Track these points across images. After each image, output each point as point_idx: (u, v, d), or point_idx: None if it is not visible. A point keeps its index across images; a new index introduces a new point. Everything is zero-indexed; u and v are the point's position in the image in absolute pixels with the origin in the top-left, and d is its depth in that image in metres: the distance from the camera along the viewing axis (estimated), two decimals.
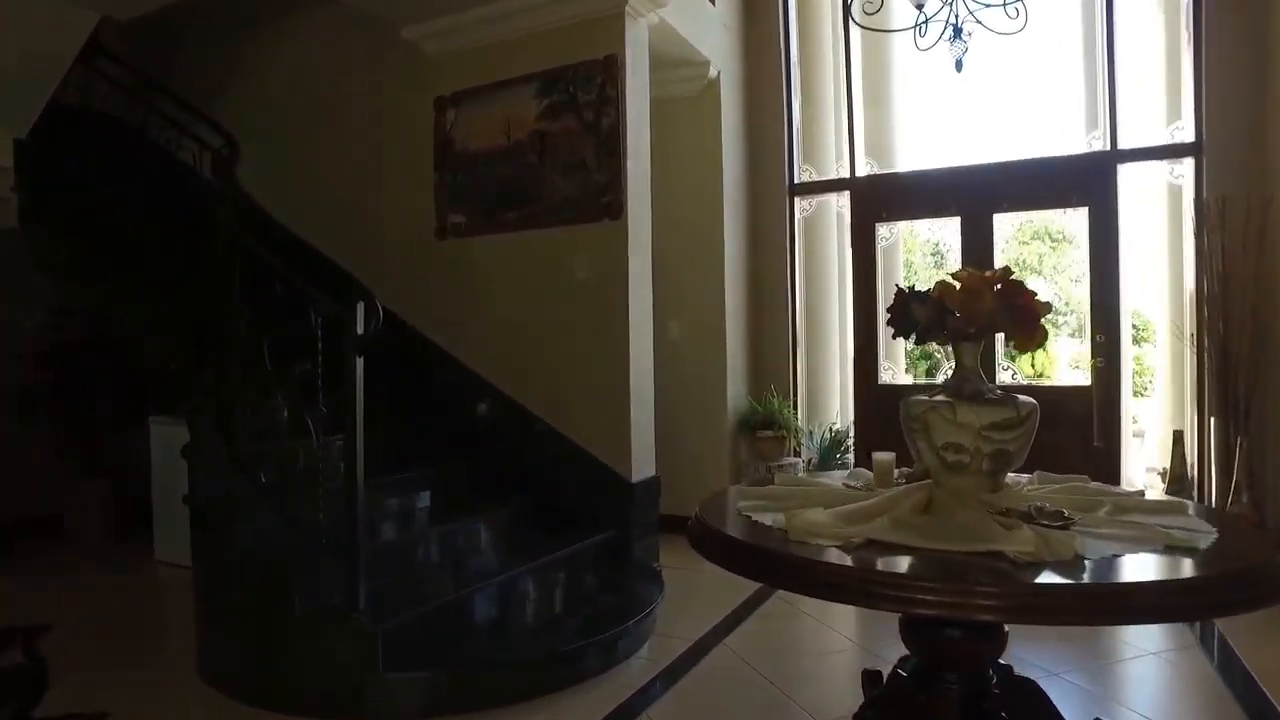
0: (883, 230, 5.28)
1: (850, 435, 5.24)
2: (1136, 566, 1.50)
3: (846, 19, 5.25)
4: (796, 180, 5.38)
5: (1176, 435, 4.37)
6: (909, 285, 1.99)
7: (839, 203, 5.39)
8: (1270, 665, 2.86)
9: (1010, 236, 8.37)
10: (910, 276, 7.63)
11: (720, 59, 4.95)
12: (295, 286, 2.72)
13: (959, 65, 3.65)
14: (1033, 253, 9.88)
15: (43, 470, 4.92)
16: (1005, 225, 5.19)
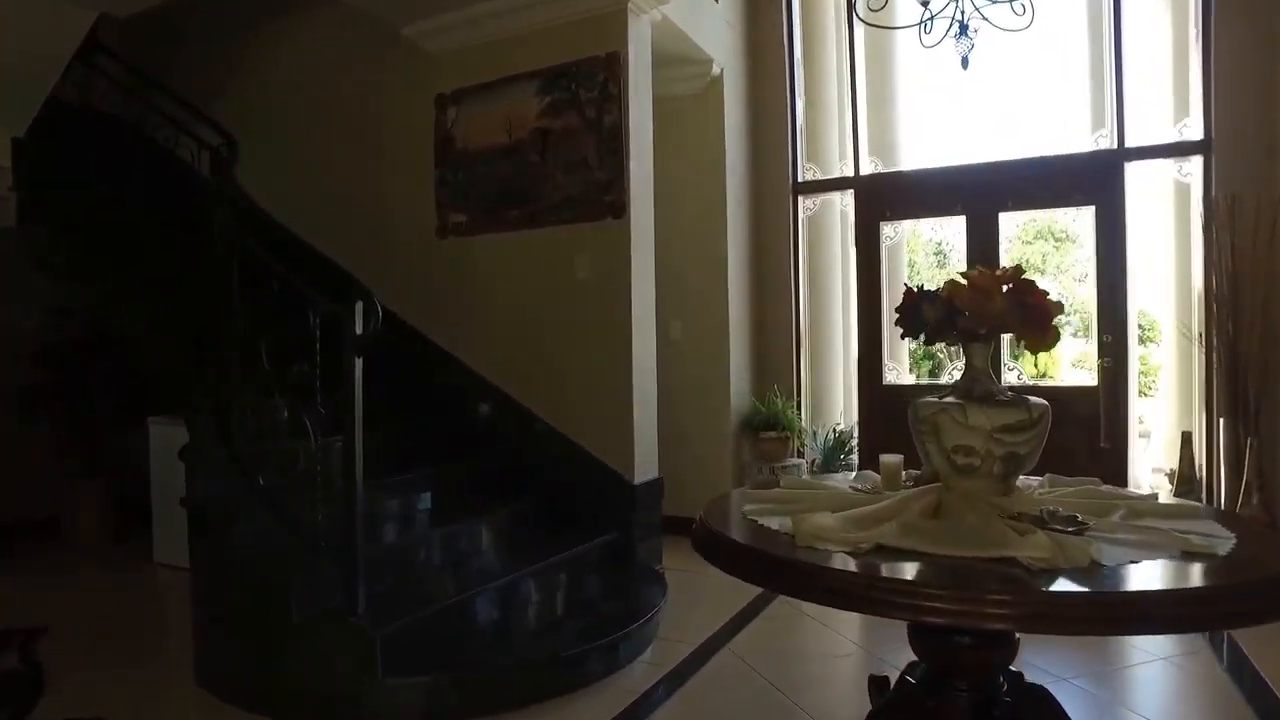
0: (887, 229, 5.23)
1: (854, 436, 5.20)
2: (1155, 574, 1.45)
3: (850, 16, 5.21)
4: (800, 179, 5.34)
5: (1185, 436, 4.32)
6: (918, 285, 1.95)
7: (843, 202, 5.35)
8: None
9: (1014, 236, 8.33)
10: (913, 276, 7.59)
11: (723, 56, 4.91)
12: (294, 286, 2.69)
13: (965, 62, 3.61)
14: (1036, 252, 9.85)
15: (42, 471, 4.88)
16: (1009, 225, 5.14)
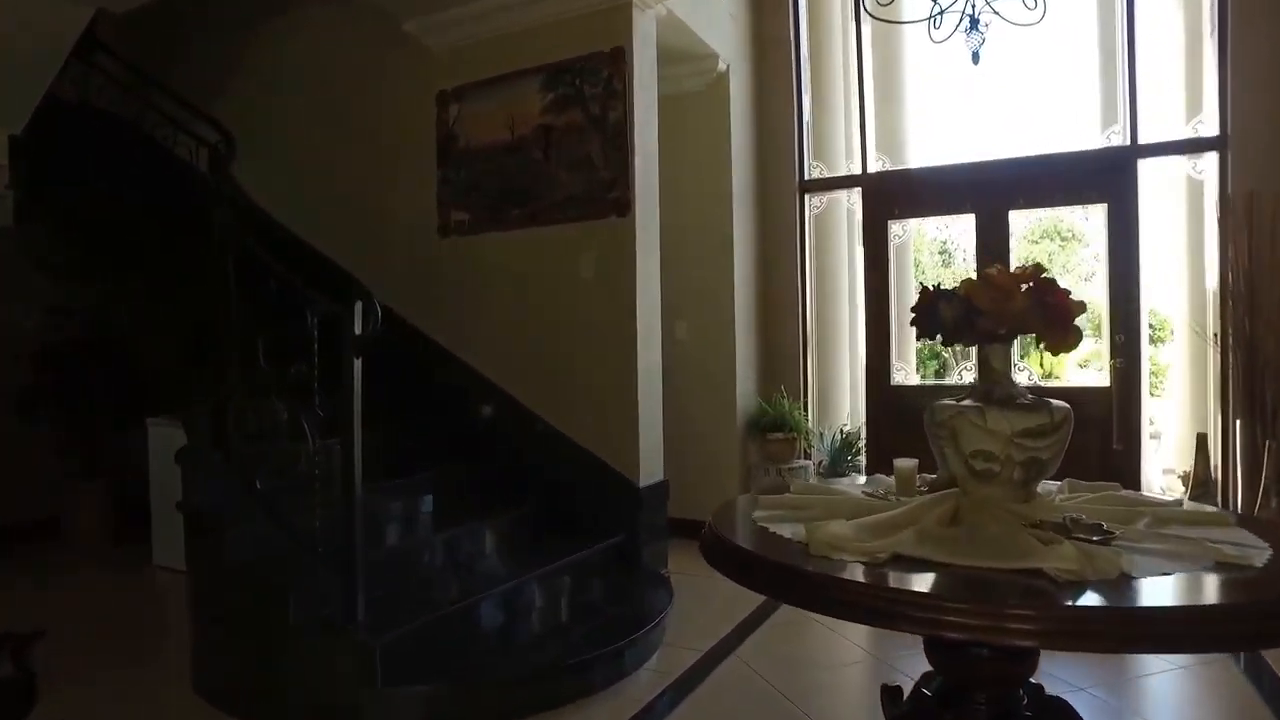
0: (895, 228, 5.15)
1: (861, 437, 5.13)
2: (1191, 588, 1.37)
3: (858, 11, 5.14)
4: (807, 177, 5.27)
5: (1200, 438, 4.24)
6: (935, 284, 1.88)
7: (849, 200, 5.28)
8: None
9: (1020, 235, 8.25)
10: (919, 276, 7.52)
11: (729, 52, 4.85)
12: (292, 285, 2.63)
13: (976, 57, 3.54)
14: (1042, 251, 9.80)
15: (41, 472, 4.84)
16: (1018, 224, 5.07)
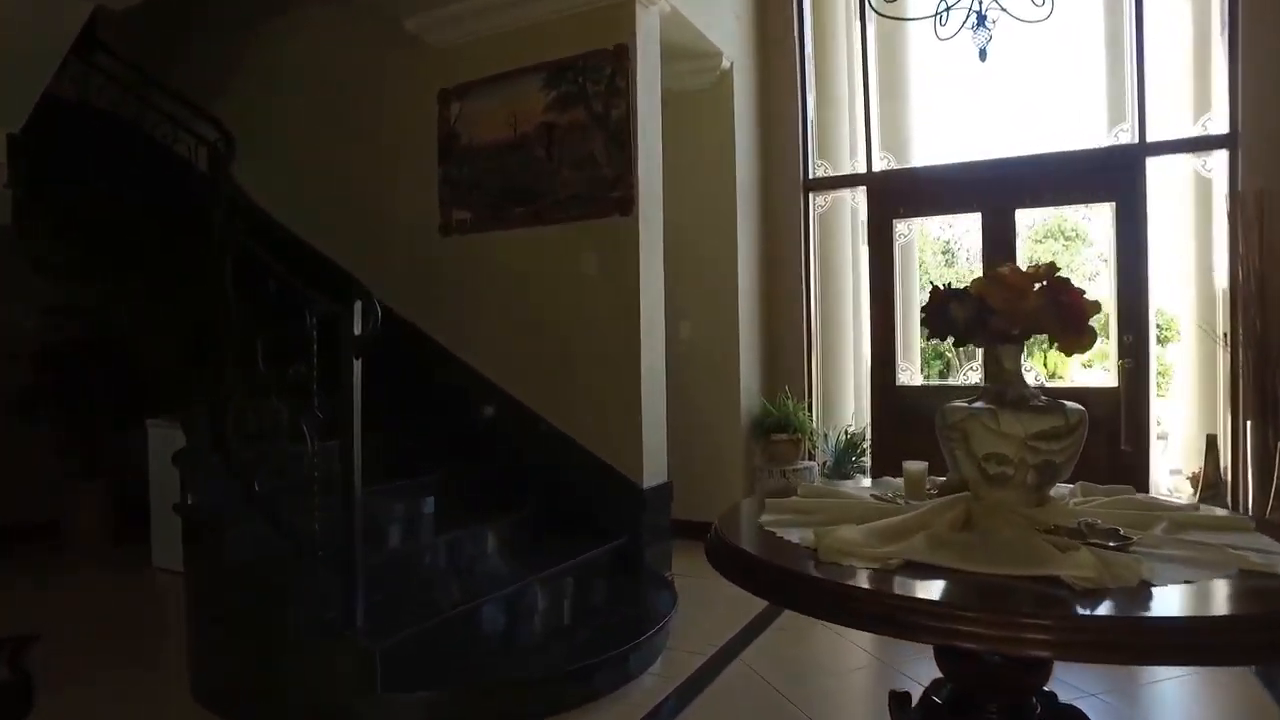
0: (900, 227, 5.11)
1: (866, 438, 5.09)
2: (1216, 597, 1.32)
3: (863, 8, 5.09)
4: (811, 175, 5.23)
5: (1210, 439, 4.19)
6: (946, 283, 1.84)
7: (854, 199, 5.24)
8: None
9: (1024, 235, 8.23)
10: (923, 275, 7.49)
11: (733, 50, 4.80)
12: (291, 285, 2.59)
13: (983, 54, 3.50)
14: (1046, 251, 9.76)
15: (41, 472, 4.82)
16: (1023, 223, 5.02)
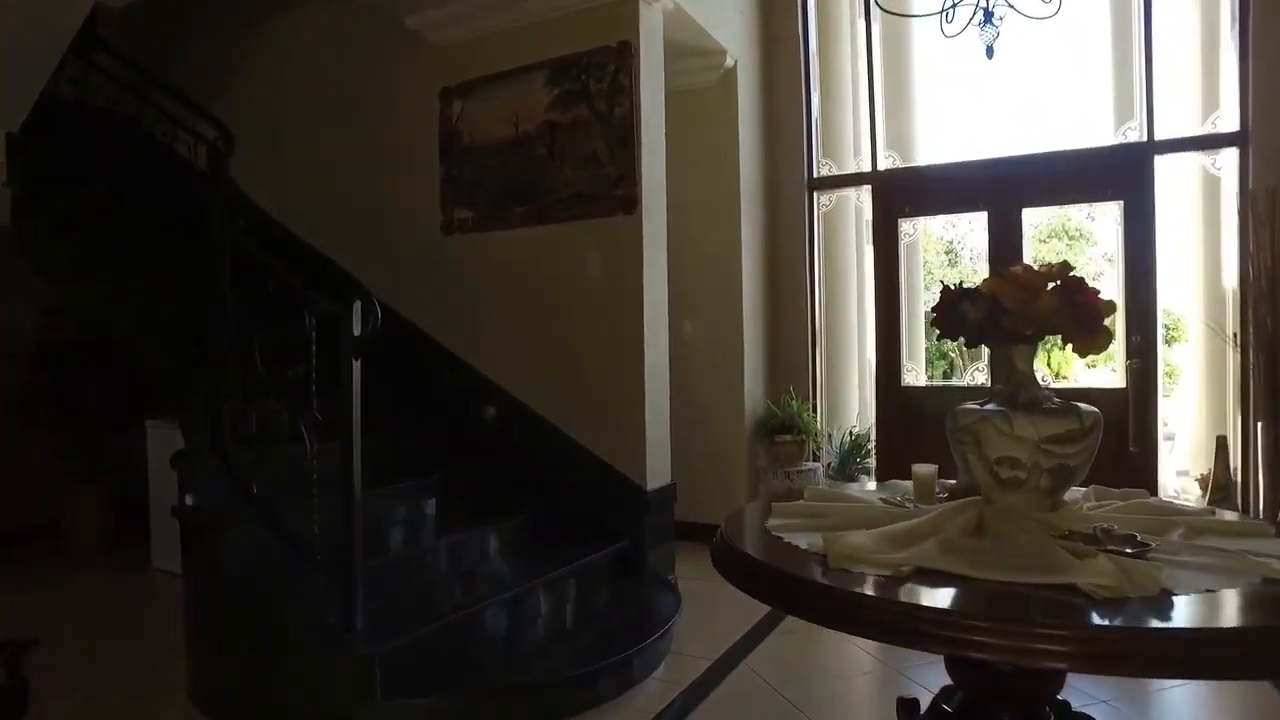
0: (905, 226, 5.07)
1: (871, 439, 5.04)
2: (1240, 606, 1.28)
3: (868, 5, 5.04)
4: (816, 174, 5.18)
5: (1219, 440, 4.14)
6: (956, 282, 1.80)
7: (858, 198, 5.19)
8: None
9: (1029, 235, 8.19)
10: (927, 275, 7.44)
11: (737, 48, 4.76)
12: (291, 285, 2.56)
13: (990, 52, 3.45)
14: (1050, 250, 9.73)
15: (40, 474, 4.78)
16: (1029, 222, 4.97)
